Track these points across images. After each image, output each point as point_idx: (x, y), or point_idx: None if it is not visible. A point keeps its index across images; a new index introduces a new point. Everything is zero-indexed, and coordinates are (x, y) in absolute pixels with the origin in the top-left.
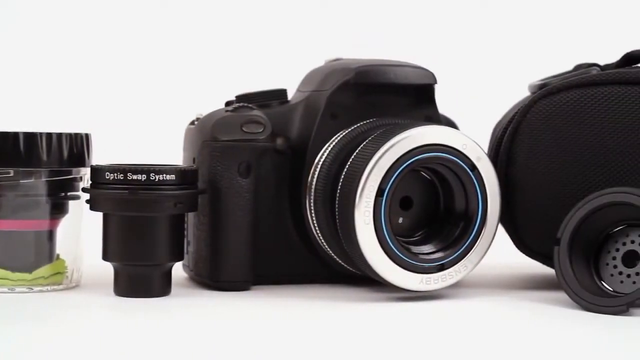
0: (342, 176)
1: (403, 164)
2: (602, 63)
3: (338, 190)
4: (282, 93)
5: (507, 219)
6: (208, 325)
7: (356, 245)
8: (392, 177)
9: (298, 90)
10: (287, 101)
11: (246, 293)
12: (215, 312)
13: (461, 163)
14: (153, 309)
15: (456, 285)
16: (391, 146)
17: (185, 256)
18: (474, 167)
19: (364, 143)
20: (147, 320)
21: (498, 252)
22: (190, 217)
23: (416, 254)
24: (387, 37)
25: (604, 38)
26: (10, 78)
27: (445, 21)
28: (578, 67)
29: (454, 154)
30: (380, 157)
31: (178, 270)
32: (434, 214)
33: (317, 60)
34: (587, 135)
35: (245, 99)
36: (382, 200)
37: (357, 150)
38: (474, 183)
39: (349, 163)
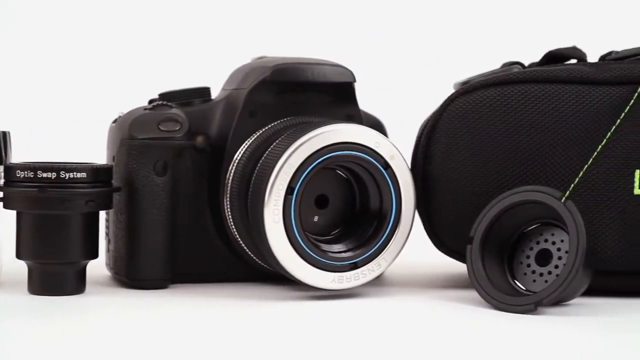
0: (254, 174)
1: (313, 162)
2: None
3: (250, 189)
4: (205, 91)
5: (425, 217)
6: (119, 323)
7: (266, 244)
8: (302, 175)
9: (222, 88)
10: (210, 99)
11: (163, 291)
12: (127, 310)
13: (374, 161)
14: (65, 307)
15: (373, 284)
16: (301, 144)
17: (107, 255)
18: (387, 166)
19: (276, 141)
20: (59, 319)
21: (418, 250)
22: (111, 215)
23: (328, 253)
24: (320, 35)
25: (537, 36)
26: None
27: (377, 21)
28: (505, 66)
29: (367, 152)
30: (289, 156)
31: (102, 270)
32: (350, 212)
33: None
34: (503, 134)
35: (168, 97)
36: (291, 198)
37: (269, 149)
38: (387, 181)
39: (260, 161)
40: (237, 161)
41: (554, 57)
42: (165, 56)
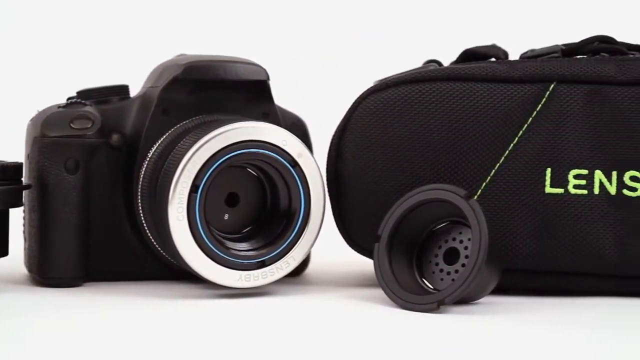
0: (161, 172)
1: (218, 160)
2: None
3: (157, 187)
4: (123, 89)
5: (337, 215)
6: (26, 321)
7: (171, 242)
8: (206, 173)
9: (142, 86)
10: (128, 97)
11: (74, 289)
12: (35, 308)
13: (281, 159)
14: None
15: (285, 282)
16: (205, 142)
17: (24, 253)
18: (295, 164)
19: (184, 139)
20: None
21: (334, 248)
22: (25, 214)
23: (235, 251)
24: (247, 34)
25: (467, 34)
26: None
27: (304, 19)
28: (425, 64)
29: (274, 151)
30: (193, 154)
31: (22, 269)
32: (262, 211)
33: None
34: (415, 132)
35: (85, 95)
36: (196, 196)
37: (176, 146)
38: (295, 180)
39: (168, 159)
40: (148, 159)
41: (471, 55)
42: (94, 54)
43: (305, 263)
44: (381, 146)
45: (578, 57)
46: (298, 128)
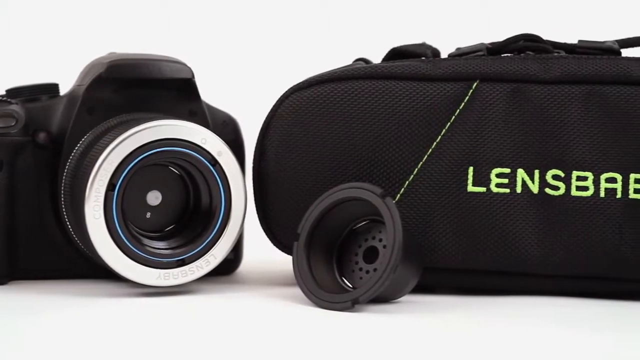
0: (81, 171)
1: (135, 158)
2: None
3: (77, 185)
4: (52, 87)
5: (261, 214)
6: None
7: (89, 241)
8: (124, 171)
9: (73, 84)
10: (57, 95)
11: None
12: None
13: (201, 158)
14: None
15: (212, 281)
16: (122, 141)
17: None
18: (215, 162)
19: (103, 138)
20: None
21: (263, 246)
22: None
23: (154, 249)
24: (188, 32)
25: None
26: None
27: (249, 18)
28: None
29: (193, 149)
30: (110, 152)
31: None
32: (185, 209)
33: None
34: (337, 130)
35: (14, 93)
36: (113, 194)
37: (96, 145)
38: (215, 178)
39: (86, 157)
40: (71, 158)
41: (398, 54)
42: (29, 52)
43: (236, 261)
44: (303, 145)
45: (502, 55)
46: (229, 126)
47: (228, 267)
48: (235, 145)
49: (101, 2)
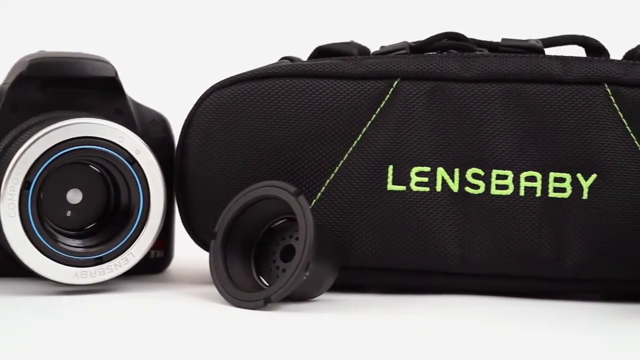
0: (0, 169)
1: (51, 157)
2: None
3: None
4: None
5: (182, 213)
6: None
7: (5, 239)
8: (39, 169)
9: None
10: None
11: None
12: None
13: (118, 156)
14: None
15: (138, 280)
16: (36, 140)
17: None
18: (133, 160)
19: (21, 136)
20: None
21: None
22: None
23: (71, 247)
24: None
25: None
26: None
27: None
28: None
29: (110, 147)
30: (24, 151)
31: None
32: (106, 208)
33: None
34: (257, 129)
35: None
36: (28, 193)
37: (14, 143)
38: (134, 176)
39: (4, 156)
40: None
41: (323, 52)
42: None
43: (166, 260)
44: (223, 143)
45: (424, 54)
46: (158, 125)
47: (158, 266)
48: (166, 143)
49: (32, 2)
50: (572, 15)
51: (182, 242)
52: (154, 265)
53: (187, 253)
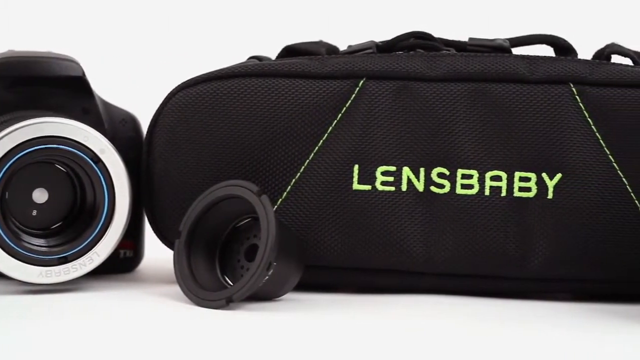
0: None
1: (14, 156)
2: None
3: None
4: None
5: (149, 212)
6: None
7: None
8: (3, 168)
9: None
10: None
11: None
12: None
13: (83, 155)
14: None
15: (105, 279)
16: (0, 139)
17: None
18: (97, 160)
19: None
20: None
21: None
22: None
23: (35, 247)
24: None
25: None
26: None
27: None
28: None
29: (74, 146)
30: None
31: None
32: (72, 207)
33: None
34: (222, 128)
35: None
36: None
37: None
38: (98, 176)
39: None
40: None
41: (291, 51)
42: None
43: (136, 259)
44: (188, 143)
45: (391, 53)
46: (128, 124)
47: (128, 265)
48: (136, 143)
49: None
50: (544, 15)
51: (154, 241)
52: (124, 264)
53: (159, 253)
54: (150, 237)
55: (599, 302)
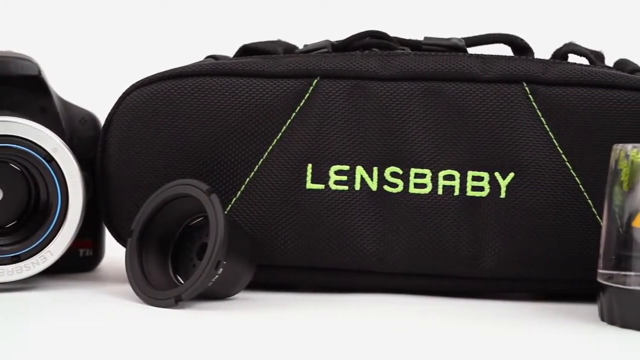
0: None
1: None
2: None
3: None
4: None
5: (103, 210)
6: None
7: None
8: None
9: None
10: None
11: None
12: None
13: (35, 154)
14: None
15: (64, 277)
16: None
17: None
18: (50, 159)
19: None
20: None
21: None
22: None
23: None
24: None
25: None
26: None
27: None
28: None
29: (26, 145)
30: None
31: None
32: (27, 206)
33: None
34: (176, 127)
35: None
36: None
37: None
38: (51, 175)
39: None
40: None
41: (248, 51)
42: None
43: (96, 258)
44: (142, 141)
45: (346, 52)
46: (88, 123)
47: (87, 264)
48: (96, 141)
49: None
50: (507, 15)
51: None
52: (84, 263)
53: (121, 251)
54: (112, 236)
55: (556, 302)
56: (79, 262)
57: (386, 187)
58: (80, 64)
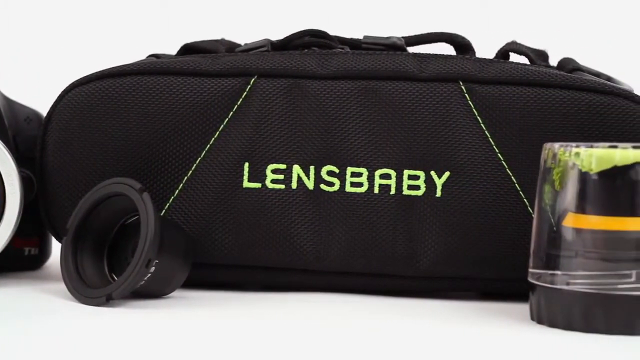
0: None
1: None
2: None
3: None
4: None
5: (43, 209)
6: None
7: None
8: None
9: None
10: None
11: None
12: None
13: None
14: None
15: (8, 276)
16: None
17: None
18: None
19: None
20: None
21: None
22: None
23: None
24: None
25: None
26: None
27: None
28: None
29: None
30: None
31: None
32: None
33: None
34: (114, 126)
35: None
36: None
37: None
38: None
39: None
40: None
41: (189, 49)
42: None
43: (42, 257)
44: (80, 140)
45: (284, 51)
46: (33, 122)
47: (33, 263)
48: None
49: None
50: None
51: None
52: (29, 262)
53: None
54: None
55: (492, 301)
56: (24, 261)
57: (323, 186)
58: (26, 62)
